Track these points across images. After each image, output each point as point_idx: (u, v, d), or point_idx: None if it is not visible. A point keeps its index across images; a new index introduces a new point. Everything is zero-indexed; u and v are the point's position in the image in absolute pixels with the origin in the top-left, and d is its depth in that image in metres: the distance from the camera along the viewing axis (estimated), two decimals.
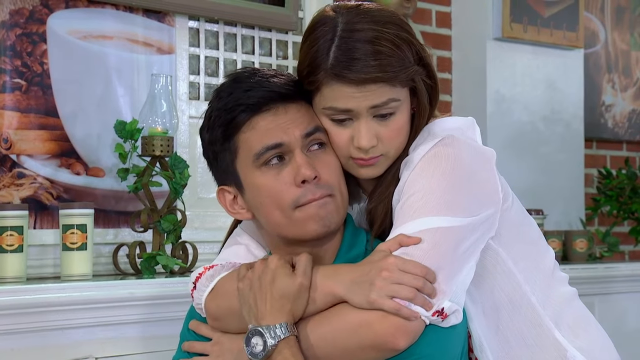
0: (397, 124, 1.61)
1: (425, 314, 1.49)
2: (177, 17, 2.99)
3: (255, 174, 1.61)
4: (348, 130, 1.60)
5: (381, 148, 1.61)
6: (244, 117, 1.61)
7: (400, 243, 1.52)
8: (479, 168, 1.61)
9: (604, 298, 3.48)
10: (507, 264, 1.65)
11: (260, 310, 1.54)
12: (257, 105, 1.60)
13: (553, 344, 1.65)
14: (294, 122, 1.61)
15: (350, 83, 1.55)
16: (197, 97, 3.07)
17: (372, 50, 1.55)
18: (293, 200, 1.59)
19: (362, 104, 1.57)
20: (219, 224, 2.95)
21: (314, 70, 1.58)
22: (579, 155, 4.07)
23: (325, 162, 1.62)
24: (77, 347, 2.30)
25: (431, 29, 3.82)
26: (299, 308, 1.55)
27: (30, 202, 2.62)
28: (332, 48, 1.56)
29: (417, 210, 1.54)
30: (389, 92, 1.57)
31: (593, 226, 4.20)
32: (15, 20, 2.65)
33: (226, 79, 1.67)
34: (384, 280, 1.49)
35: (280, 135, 1.59)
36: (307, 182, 1.58)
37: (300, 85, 1.64)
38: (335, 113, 1.60)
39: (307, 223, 1.60)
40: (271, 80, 1.62)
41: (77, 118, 2.74)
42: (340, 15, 1.60)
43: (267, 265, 1.57)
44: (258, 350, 1.52)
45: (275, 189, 1.60)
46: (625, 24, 4.50)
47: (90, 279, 2.45)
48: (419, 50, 1.61)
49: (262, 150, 1.59)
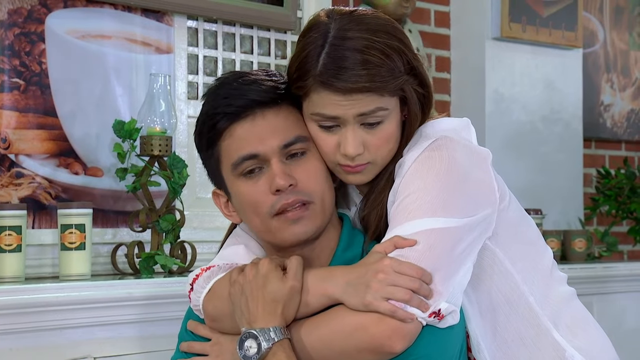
0: (385, 132, 1.60)
1: (422, 315, 1.49)
2: (175, 16, 2.99)
3: (236, 182, 1.63)
4: (335, 137, 1.60)
5: (368, 156, 1.60)
6: (223, 125, 1.61)
7: (395, 245, 1.52)
8: (474, 168, 1.60)
9: (603, 298, 3.49)
10: (505, 264, 1.64)
11: (253, 313, 1.54)
12: (235, 114, 1.60)
13: (551, 344, 1.65)
14: (272, 130, 1.60)
15: (337, 91, 1.55)
16: (195, 96, 3.07)
17: (361, 59, 1.54)
18: (269, 209, 1.59)
19: (349, 112, 1.56)
20: (218, 223, 2.95)
21: (302, 75, 1.58)
22: (578, 155, 4.07)
23: (304, 169, 1.61)
24: (75, 347, 2.30)
25: (430, 28, 3.82)
26: (291, 311, 1.55)
27: (28, 201, 2.62)
28: (322, 55, 1.56)
29: (412, 211, 1.54)
30: (377, 101, 1.56)
31: (592, 226, 4.20)
32: (14, 19, 2.65)
33: (214, 82, 1.67)
34: (380, 282, 1.48)
35: (256, 145, 1.59)
36: (281, 191, 1.58)
37: (289, 88, 1.63)
38: (323, 119, 1.59)
39: (283, 232, 1.60)
40: (250, 86, 1.61)
41: (75, 118, 2.74)
42: (333, 21, 1.59)
43: (257, 270, 1.57)
44: (252, 353, 1.52)
45: (253, 198, 1.61)
46: (624, 23, 4.51)
47: (89, 279, 2.45)
48: (410, 59, 1.59)
49: (238, 161, 1.61)
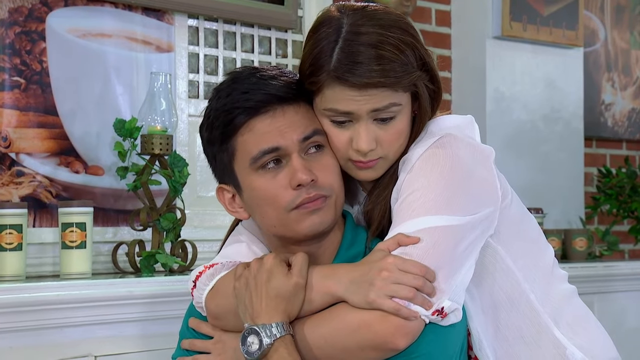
0: (397, 128, 1.60)
1: (425, 313, 1.49)
2: (176, 15, 2.99)
3: (252, 177, 1.61)
4: (348, 132, 1.60)
5: (380, 151, 1.60)
6: (242, 120, 1.60)
7: (399, 242, 1.52)
8: (478, 166, 1.60)
9: (604, 297, 3.48)
10: (507, 262, 1.64)
11: (256, 309, 1.54)
12: (255, 108, 1.60)
13: (552, 341, 1.65)
14: (291, 125, 1.60)
15: (352, 86, 1.55)
16: (196, 95, 3.07)
17: (376, 54, 1.54)
18: (288, 203, 1.59)
19: (363, 107, 1.56)
20: (218, 222, 2.95)
21: (316, 71, 1.58)
22: (579, 154, 4.06)
23: (322, 165, 1.61)
24: (76, 346, 2.30)
25: (431, 27, 3.82)
26: (295, 308, 1.54)
27: (29, 200, 2.62)
28: (336, 50, 1.56)
29: (415, 209, 1.54)
30: (391, 97, 1.57)
31: (593, 225, 4.20)
32: (15, 18, 2.65)
33: (226, 77, 1.66)
34: (384, 280, 1.48)
35: (277, 139, 1.59)
36: (302, 186, 1.58)
37: (300, 85, 1.63)
38: (336, 115, 1.59)
39: (301, 224, 1.60)
40: (270, 82, 1.61)
41: (76, 116, 2.74)
42: (346, 17, 1.59)
43: (262, 265, 1.56)
44: (254, 349, 1.52)
45: (271, 192, 1.60)
46: (625, 22, 4.50)
47: (90, 278, 2.45)
48: (422, 55, 1.60)
49: (258, 155, 1.59)
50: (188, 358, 1.69)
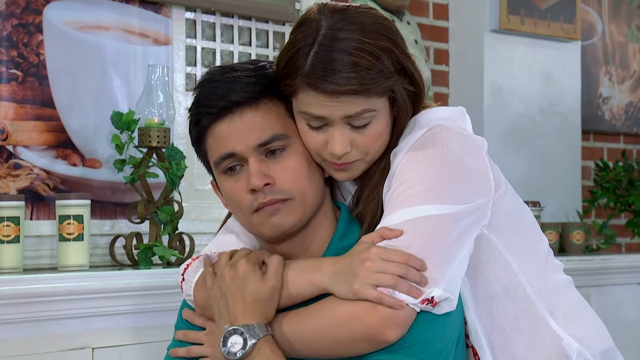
0: (373, 132, 1.58)
1: (413, 301, 1.48)
2: (173, 8, 2.98)
3: (221, 178, 1.64)
4: (323, 135, 1.58)
5: (356, 154, 1.59)
6: (206, 123, 1.62)
7: (382, 236, 1.52)
8: (469, 156, 1.60)
9: (601, 290, 3.49)
10: (502, 253, 1.64)
11: (233, 313, 1.55)
12: (216, 114, 1.61)
13: (548, 332, 1.65)
14: (249, 130, 1.59)
15: (323, 92, 1.53)
16: (193, 88, 3.06)
17: (349, 61, 1.52)
18: (248, 207, 1.60)
19: (335, 112, 1.55)
20: (216, 215, 2.95)
21: (290, 73, 1.56)
22: (576, 147, 4.07)
23: (283, 167, 1.60)
24: (73, 338, 2.30)
25: (428, 20, 3.82)
26: (271, 310, 1.56)
27: (26, 193, 2.62)
28: (310, 54, 1.54)
29: (405, 199, 1.54)
30: (364, 103, 1.55)
31: (590, 218, 4.20)
32: (11, 10, 2.65)
33: (203, 76, 1.68)
34: (366, 270, 1.49)
35: (233, 144, 1.59)
36: (257, 191, 1.58)
37: (275, 82, 1.61)
38: (310, 118, 1.58)
39: (263, 226, 1.61)
40: (232, 85, 1.61)
41: (73, 109, 2.74)
42: (324, 19, 1.56)
43: (236, 271, 1.57)
44: (236, 349, 1.52)
45: (235, 195, 1.62)
46: (623, 16, 4.50)
47: (87, 270, 2.45)
48: (400, 59, 1.57)
49: (218, 160, 1.62)
50: (182, 349, 1.69)
